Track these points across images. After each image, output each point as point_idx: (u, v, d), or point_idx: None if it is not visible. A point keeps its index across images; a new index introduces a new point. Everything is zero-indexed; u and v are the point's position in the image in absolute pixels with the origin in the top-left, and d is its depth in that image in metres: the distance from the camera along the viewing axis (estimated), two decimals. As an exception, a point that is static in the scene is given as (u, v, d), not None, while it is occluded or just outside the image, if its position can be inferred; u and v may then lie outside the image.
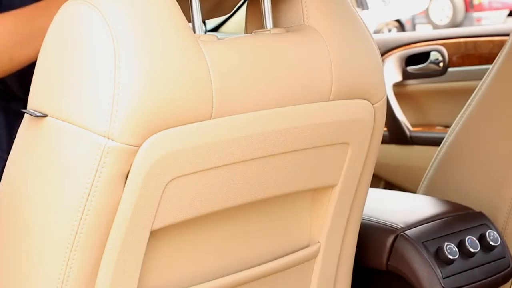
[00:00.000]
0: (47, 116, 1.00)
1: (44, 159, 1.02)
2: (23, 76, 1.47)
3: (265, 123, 1.09)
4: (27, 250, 1.04)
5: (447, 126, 2.36)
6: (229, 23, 2.90)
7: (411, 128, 2.72)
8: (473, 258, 1.45)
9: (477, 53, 2.66)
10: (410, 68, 2.77)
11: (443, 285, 1.39)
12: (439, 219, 1.50)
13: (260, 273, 1.20)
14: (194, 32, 1.07)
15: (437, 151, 1.68)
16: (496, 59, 1.62)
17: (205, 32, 1.51)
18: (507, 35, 1.91)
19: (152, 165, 0.99)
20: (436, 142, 2.27)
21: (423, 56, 2.75)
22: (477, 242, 1.46)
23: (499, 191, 1.56)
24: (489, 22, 10.00)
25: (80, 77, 0.98)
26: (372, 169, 1.30)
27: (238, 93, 1.06)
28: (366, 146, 1.24)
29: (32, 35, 1.29)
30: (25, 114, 1.04)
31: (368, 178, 1.30)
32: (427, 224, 1.48)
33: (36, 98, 1.03)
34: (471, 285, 1.43)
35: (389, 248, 1.44)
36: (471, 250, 1.44)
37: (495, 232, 1.49)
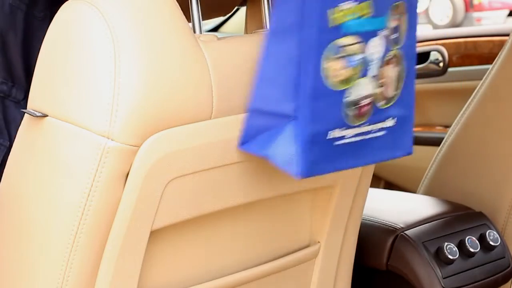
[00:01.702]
0: (47, 116, 1.00)
1: (44, 159, 1.01)
2: (28, 62, 1.46)
3: (265, 123, 1.09)
4: (27, 250, 1.04)
5: (447, 126, 2.35)
6: (229, 23, 2.90)
7: (411, 128, 2.71)
8: (473, 258, 1.45)
9: (477, 53, 2.65)
10: (410, 68, 2.76)
11: (443, 285, 1.39)
12: (439, 219, 1.50)
13: (260, 273, 1.20)
14: (194, 32, 1.07)
15: (437, 151, 1.68)
16: (496, 59, 1.62)
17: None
18: (507, 35, 1.90)
19: (152, 165, 0.99)
20: (436, 142, 2.27)
21: (423, 56, 2.75)
22: (477, 242, 1.46)
23: (499, 191, 1.56)
24: (489, 22, 10.00)
25: (80, 77, 0.98)
26: (372, 169, 1.30)
27: (238, 93, 1.06)
28: (366, 146, 1.24)
29: None
30: (25, 114, 1.04)
31: (368, 178, 1.30)
32: (427, 224, 1.48)
33: (36, 98, 1.03)
34: (471, 285, 1.43)
35: (389, 248, 1.44)
36: (471, 250, 1.44)
37: (495, 232, 1.49)
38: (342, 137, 1.05)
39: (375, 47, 1.04)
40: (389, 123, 1.10)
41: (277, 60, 1.01)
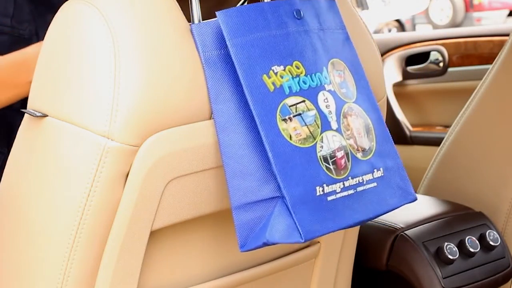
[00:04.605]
0: (47, 116, 1.00)
1: (44, 159, 1.01)
2: None
3: (265, 123, 1.09)
4: (27, 250, 1.04)
5: (447, 126, 2.36)
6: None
7: (411, 128, 2.72)
8: (473, 258, 1.45)
9: (477, 53, 2.66)
10: (410, 68, 2.77)
11: (443, 285, 1.39)
12: (439, 219, 1.50)
13: (260, 273, 1.20)
14: (194, 32, 1.07)
15: (437, 151, 1.68)
16: (496, 59, 1.62)
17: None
18: (507, 35, 1.91)
19: (152, 165, 0.99)
20: (436, 142, 2.27)
21: (423, 56, 2.76)
22: (477, 242, 1.46)
23: (499, 191, 1.56)
24: (489, 22, 10.00)
25: (80, 77, 0.98)
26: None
27: (238, 93, 1.05)
28: (366, 146, 1.24)
29: (8, 86, 1.31)
30: (25, 114, 1.04)
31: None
32: (427, 224, 1.48)
33: (36, 98, 1.03)
34: (471, 285, 1.43)
35: (389, 248, 1.44)
36: (471, 250, 1.44)
37: (495, 232, 1.49)
38: (333, 192, 1.04)
39: (325, 101, 1.05)
40: (377, 174, 1.11)
41: (235, 152, 1.01)
